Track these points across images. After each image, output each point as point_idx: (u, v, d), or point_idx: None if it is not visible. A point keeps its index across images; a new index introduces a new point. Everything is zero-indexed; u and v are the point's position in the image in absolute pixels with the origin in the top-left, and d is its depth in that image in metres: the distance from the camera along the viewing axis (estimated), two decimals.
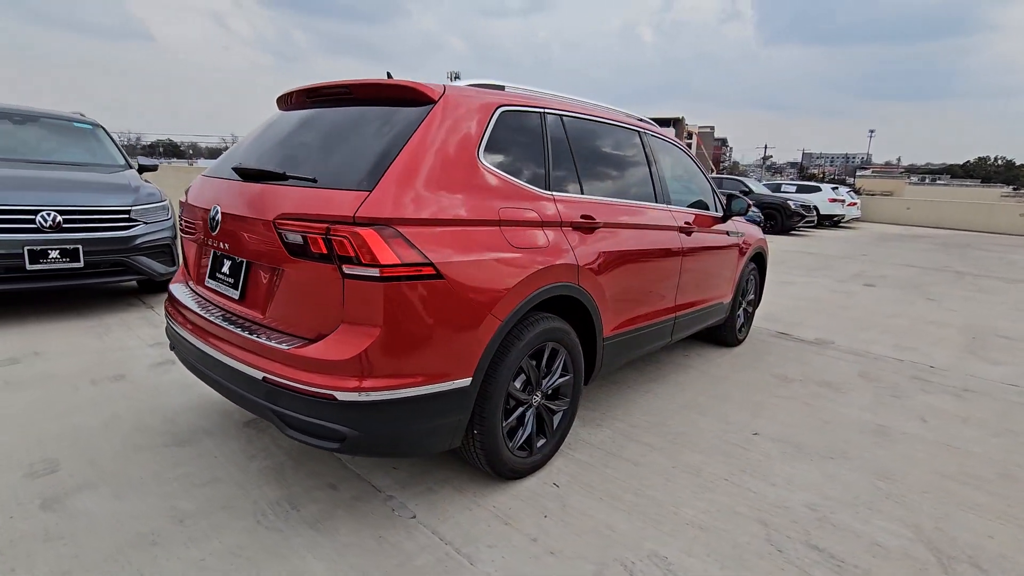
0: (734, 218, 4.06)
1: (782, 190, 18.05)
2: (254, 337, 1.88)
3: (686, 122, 37.72)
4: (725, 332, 4.28)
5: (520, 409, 2.28)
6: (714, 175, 18.88)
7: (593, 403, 3.19)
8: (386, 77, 2.14)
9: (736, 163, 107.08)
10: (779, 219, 14.73)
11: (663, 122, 12.71)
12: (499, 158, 2.17)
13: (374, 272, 1.68)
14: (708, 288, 3.70)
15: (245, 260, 2.01)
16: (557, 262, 2.23)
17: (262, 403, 1.84)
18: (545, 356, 2.32)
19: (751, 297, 4.57)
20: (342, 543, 1.89)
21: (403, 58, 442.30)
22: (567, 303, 2.41)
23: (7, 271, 3.87)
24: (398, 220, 1.75)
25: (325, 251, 1.71)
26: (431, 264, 1.78)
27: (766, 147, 72.88)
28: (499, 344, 2.02)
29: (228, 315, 2.08)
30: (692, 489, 2.34)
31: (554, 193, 2.36)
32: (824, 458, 2.68)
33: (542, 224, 2.22)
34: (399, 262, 1.71)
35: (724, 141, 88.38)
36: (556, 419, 2.48)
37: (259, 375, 1.82)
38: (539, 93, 2.62)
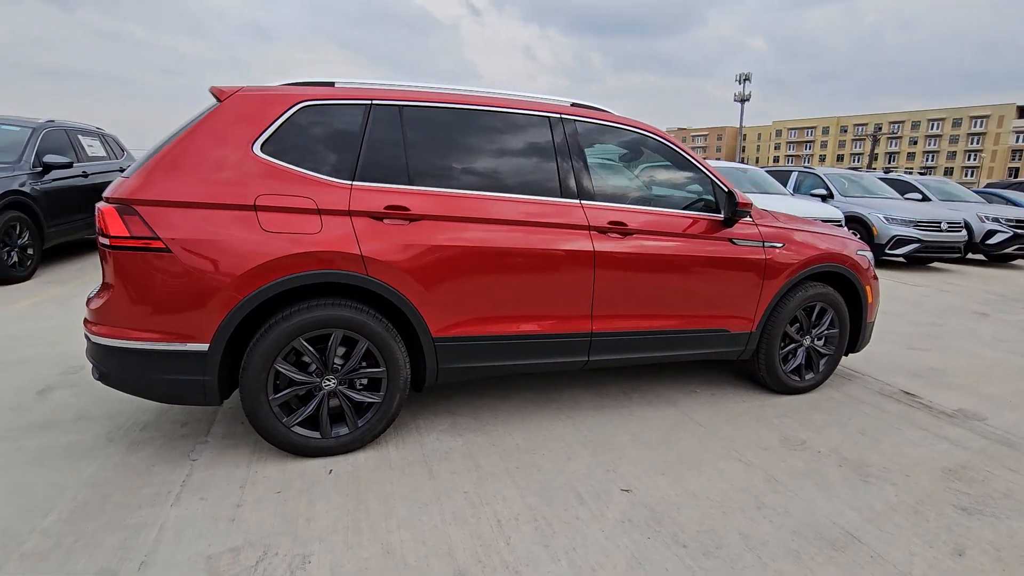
0: (806, 223, 3.14)
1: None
2: None
3: None
4: (760, 371, 3.30)
5: (309, 391, 2.37)
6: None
7: (485, 411, 2.94)
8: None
9: None
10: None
11: None
12: (286, 149, 2.30)
13: (106, 241, 2.08)
14: (687, 307, 2.95)
15: None
16: (326, 249, 2.23)
17: None
18: (331, 342, 2.34)
19: (825, 331, 3.38)
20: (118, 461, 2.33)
21: (696, 66, 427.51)
22: (368, 293, 2.38)
23: None
24: (137, 201, 2.09)
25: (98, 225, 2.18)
26: (159, 239, 2.08)
27: None
28: (246, 318, 2.18)
29: None
30: (440, 516, 2.05)
31: (355, 183, 2.35)
32: (676, 545, 1.97)
33: (319, 212, 2.27)
34: (127, 235, 2.06)
35: None
36: (371, 411, 2.46)
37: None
38: (384, 86, 2.58)
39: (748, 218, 3.10)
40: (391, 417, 2.51)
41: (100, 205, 2.13)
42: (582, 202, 2.72)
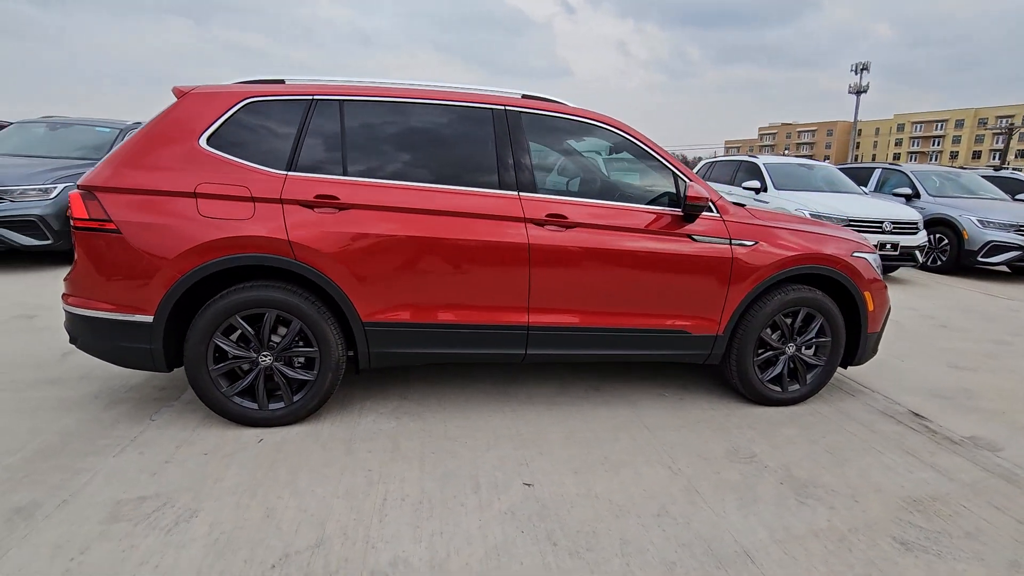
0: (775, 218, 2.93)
1: None
2: None
3: None
4: (732, 379, 3.08)
5: (247, 365, 2.58)
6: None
7: (433, 399, 3.01)
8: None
9: None
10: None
11: None
12: (231, 142, 2.50)
13: (72, 223, 2.40)
14: (638, 305, 2.83)
15: None
16: (254, 234, 2.41)
17: None
18: (266, 320, 2.53)
19: (814, 339, 3.08)
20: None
21: (807, 57, 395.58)
22: (300, 277, 2.53)
23: None
24: (98, 188, 2.39)
25: None
26: (112, 221, 2.36)
27: None
28: (186, 293, 2.42)
29: None
30: (334, 489, 2.16)
31: (291, 173, 2.51)
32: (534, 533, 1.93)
33: (253, 199, 2.45)
34: (87, 217, 2.36)
35: None
36: (305, 388, 2.63)
37: None
38: (334, 82, 2.72)
39: (714, 213, 2.91)
40: (324, 395, 2.66)
41: (70, 191, 2.46)
42: (520, 194, 2.70)
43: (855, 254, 3.07)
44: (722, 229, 2.89)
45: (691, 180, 2.85)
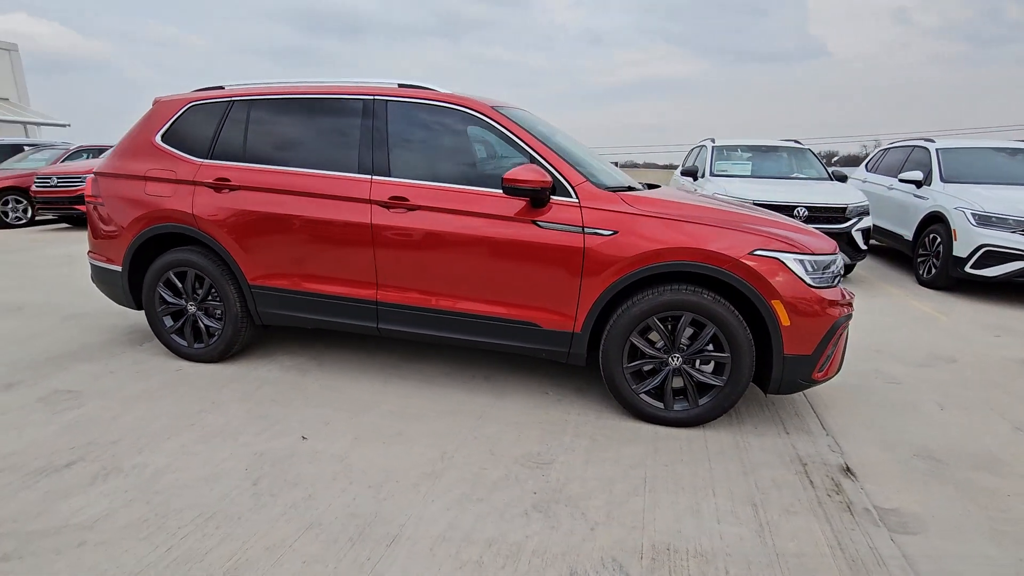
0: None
1: None
2: None
3: None
4: (606, 386, 2.77)
5: (179, 311, 3.33)
6: None
7: (335, 364, 3.37)
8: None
9: None
10: None
11: None
12: (177, 137, 3.23)
13: (84, 198, 3.41)
14: (480, 290, 2.77)
15: None
16: (169, 207, 3.11)
17: None
18: (188, 277, 3.22)
19: (708, 353, 2.58)
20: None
21: None
22: (199, 242, 3.17)
23: None
24: (99, 173, 3.36)
25: None
26: (100, 197, 3.30)
27: None
28: (139, 250, 3.25)
29: None
30: (152, 403, 2.71)
31: (205, 160, 3.13)
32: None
33: (178, 181, 3.14)
34: (91, 194, 3.35)
35: None
36: (216, 335, 3.27)
37: None
38: (257, 85, 3.23)
39: (572, 198, 2.66)
40: (229, 342, 3.26)
41: (89, 176, 3.50)
42: (373, 177, 2.88)
43: (758, 252, 2.46)
44: (575, 216, 2.62)
45: (550, 165, 2.67)
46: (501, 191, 2.71)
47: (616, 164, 5.34)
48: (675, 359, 2.63)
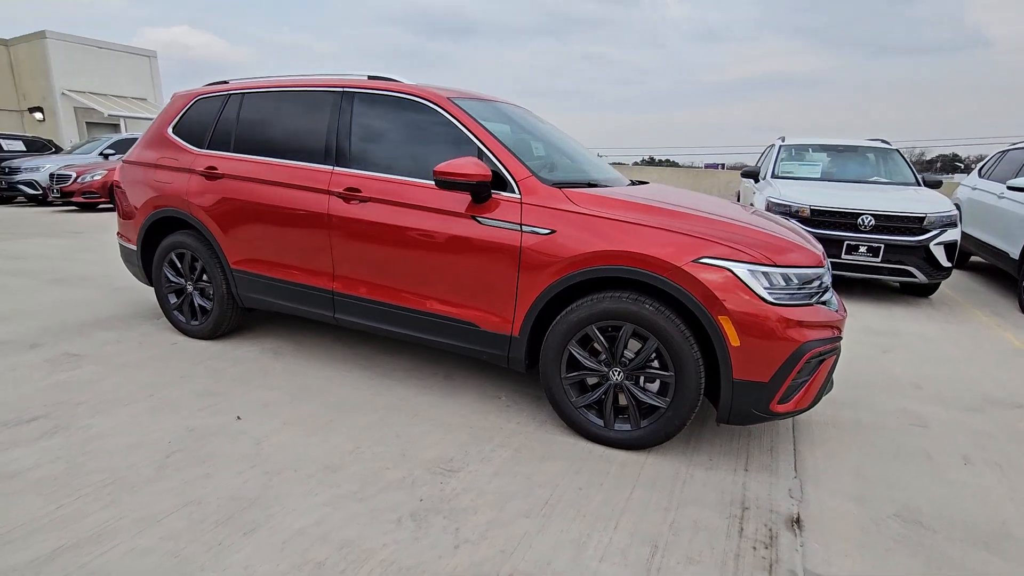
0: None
1: None
2: None
3: None
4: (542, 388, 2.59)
5: (180, 289, 3.59)
6: None
7: (315, 352, 3.47)
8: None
9: None
10: None
11: None
12: (185, 129, 3.48)
13: (113, 184, 3.79)
14: (423, 286, 2.70)
15: None
16: (170, 192, 3.35)
17: None
18: (185, 258, 3.47)
19: (652, 370, 2.32)
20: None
21: None
22: (192, 227, 3.38)
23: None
24: (124, 162, 3.71)
25: None
26: (123, 182, 3.65)
27: None
28: (148, 231, 3.55)
29: None
30: (142, 373, 2.93)
31: (202, 150, 3.33)
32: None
33: (179, 169, 3.37)
34: (117, 180, 3.71)
35: None
36: (208, 314, 3.49)
37: None
38: (255, 79, 3.38)
39: (514, 193, 2.50)
40: (217, 321, 3.46)
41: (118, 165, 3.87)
42: (335, 168, 2.91)
43: (704, 259, 2.15)
44: (515, 212, 2.47)
45: (496, 159, 2.54)
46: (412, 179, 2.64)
47: (719, 166, 5.05)
48: (616, 374, 2.39)
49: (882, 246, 5.06)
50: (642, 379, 2.38)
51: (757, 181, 6.69)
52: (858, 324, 4.58)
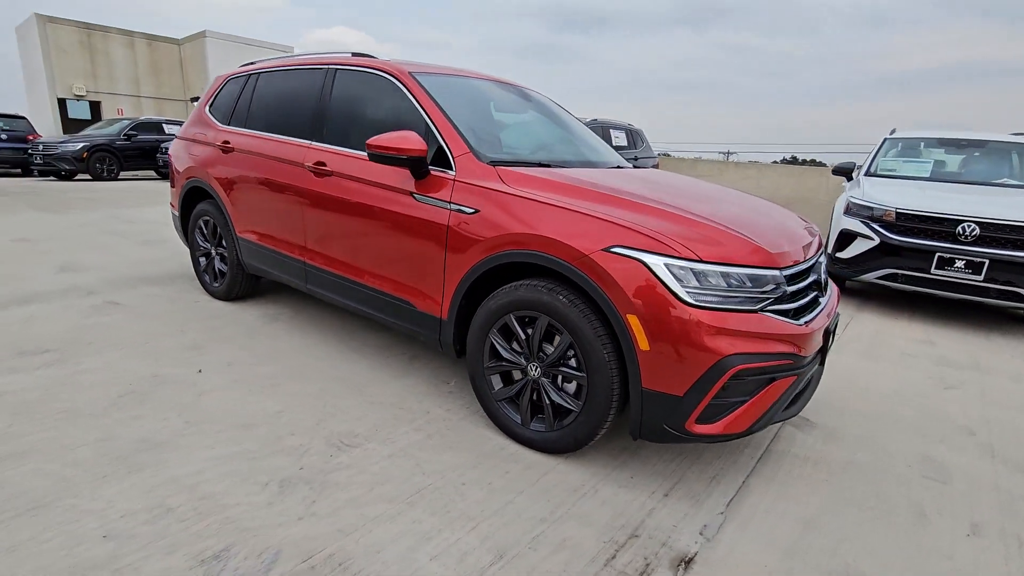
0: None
1: None
2: None
3: None
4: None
5: (207, 252, 3.96)
6: None
7: (311, 328, 3.64)
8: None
9: None
10: None
11: None
12: (216, 107, 3.81)
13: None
14: (373, 263, 2.69)
15: None
16: (197, 164, 3.68)
17: None
18: (210, 226, 3.81)
19: (568, 368, 2.11)
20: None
21: None
22: (212, 196, 3.69)
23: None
24: (176, 139, 4.15)
25: None
26: (172, 155, 4.10)
27: None
28: (185, 198, 3.96)
29: None
30: (149, 325, 3.27)
31: (224, 126, 3.62)
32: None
33: (206, 143, 3.70)
34: (170, 154, 4.18)
35: None
36: (222, 277, 3.82)
37: None
38: (276, 59, 3.58)
39: (450, 171, 2.39)
40: (230, 284, 3.76)
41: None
42: (312, 143, 3.00)
43: (615, 248, 1.89)
44: (447, 189, 2.36)
45: (439, 134, 2.46)
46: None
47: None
48: (534, 369, 2.20)
49: (986, 261, 4.13)
50: (559, 378, 2.17)
51: (850, 179, 5.80)
52: (933, 352, 3.80)
